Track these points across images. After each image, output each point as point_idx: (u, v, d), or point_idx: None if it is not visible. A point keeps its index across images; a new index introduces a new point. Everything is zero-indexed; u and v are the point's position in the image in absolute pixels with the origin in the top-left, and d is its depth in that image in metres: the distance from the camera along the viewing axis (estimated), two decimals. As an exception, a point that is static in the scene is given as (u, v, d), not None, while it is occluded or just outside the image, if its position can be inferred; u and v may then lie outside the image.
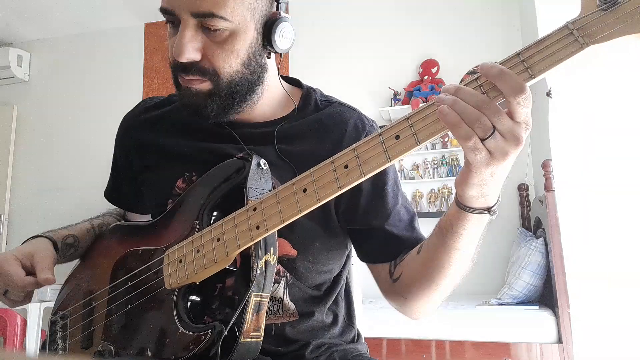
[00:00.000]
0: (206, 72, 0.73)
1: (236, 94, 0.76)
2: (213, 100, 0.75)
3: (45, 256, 0.80)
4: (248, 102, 0.79)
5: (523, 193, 2.92)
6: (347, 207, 0.80)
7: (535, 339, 2.11)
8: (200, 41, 0.71)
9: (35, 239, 0.85)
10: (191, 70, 0.73)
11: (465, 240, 0.66)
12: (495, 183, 0.59)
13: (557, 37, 0.51)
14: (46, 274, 0.77)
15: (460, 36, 3.21)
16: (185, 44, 0.70)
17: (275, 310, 0.78)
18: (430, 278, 0.72)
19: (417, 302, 0.78)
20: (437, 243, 0.69)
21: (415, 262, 0.76)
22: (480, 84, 0.54)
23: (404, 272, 0.78)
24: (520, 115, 0.53)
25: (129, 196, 0.96)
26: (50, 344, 0.86)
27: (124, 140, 0.94)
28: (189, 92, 0.75)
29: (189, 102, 0.76)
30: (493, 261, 2.92)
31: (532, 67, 0.52)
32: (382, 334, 2.27)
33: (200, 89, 0.74)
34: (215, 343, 0.64)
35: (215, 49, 0.72)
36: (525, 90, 0.51)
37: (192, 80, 0.74)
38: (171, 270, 0.72)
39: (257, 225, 0.65)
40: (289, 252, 0.78)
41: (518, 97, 0.51)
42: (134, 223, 0.92)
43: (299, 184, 0.62)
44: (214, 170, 0.75)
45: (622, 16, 0.48)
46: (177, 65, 0.74)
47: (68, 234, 0.87)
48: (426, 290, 0.74)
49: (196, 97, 0.75)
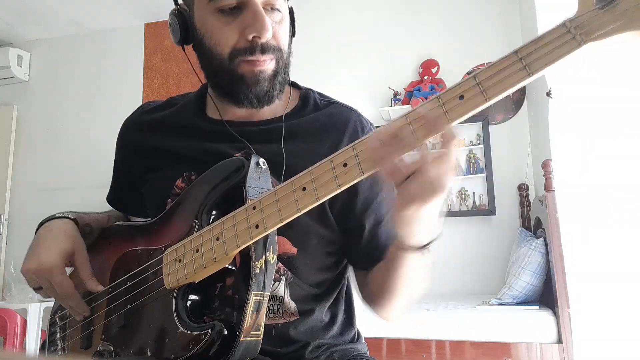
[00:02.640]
0: (276, 50, 0.77)
1: (287, 73, 0.81)
2: (278, 80, 0.79)
3: (85, 257, 0.80)
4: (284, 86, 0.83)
5: (523, 193, 2.92)
6: (342, 207, 0.81)
7: (535, 339, 2.11)
8: (269, 20, 0.75)
9: (63, 220, 0.83)
10: (268, 49, 0.75)
11: (405, 272, 0.70)
12: (423, 222, 0.61)
13: (554, 35, 0.51)
14: (96, 285, 0.78)
15: (460, 36, 3.21)
16: (267, 20, 0.73)
17: (276, 309, 0.78)
18: (383, 296, 0.78)
19: (381, 307, 0.82)
20: (385, 271, 0.74)
21: (374, 278, 0.81)
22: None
23: (370, 279, 0.83)
24: (447, 159, 0.55)
25: (130, 201, 0.96)
26: (49, 344, 0.86)
27: (124, 145, 0.95)
28: (259, 75, 0.76)
29: (258, 88, 0.77)
30: (493, 261, 2.92)
31: (530, 65, 0.52)
32: (382, 334, 2.26)
33: (269, 69, 0.77)
34: (214, 342, 0.64)
35: (278, 27, 0.77)
36: (456, 138, 0.54)
37: (264, 61, 0.76)
38: (170, 270, 0.71)
39: (257, 224, 0.65)
40: (289, 250, 0.78)
41: (450, 143, 0.54)
42: (133, 223, 0.92)
43: (297, 182, 0.62)
44: (213, 170, 0.75)
45: (618, 14, 0.49)
46: (249, 48, 0.75)
47: (87, 222, 0.87)
48: (382, 302, 0.80)
49: (265, 79, 0.77)
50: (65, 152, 3.88)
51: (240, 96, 0.79)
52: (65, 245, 0.78)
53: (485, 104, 0.54)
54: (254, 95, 0.78)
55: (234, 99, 0.80)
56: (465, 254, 2.99)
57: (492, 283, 2.85)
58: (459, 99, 0.54)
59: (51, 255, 0.76)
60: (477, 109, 0.54)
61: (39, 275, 0.76)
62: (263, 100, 0.79)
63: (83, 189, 3.63)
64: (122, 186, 0.97)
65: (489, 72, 0.53)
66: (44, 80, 4.08)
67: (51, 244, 0.78)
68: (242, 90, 0.78)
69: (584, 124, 2.28)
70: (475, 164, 3.09)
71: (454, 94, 0.55)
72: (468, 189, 3.09)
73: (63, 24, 3.90)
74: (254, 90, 0.77)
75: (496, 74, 0.53)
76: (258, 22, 0.72)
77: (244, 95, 0.78)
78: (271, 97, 0.79)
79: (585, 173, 2.25)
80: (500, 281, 2.64)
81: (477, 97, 0.53)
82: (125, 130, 0.95)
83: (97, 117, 3.82)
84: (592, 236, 2.18)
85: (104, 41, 3.98)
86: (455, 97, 0.54)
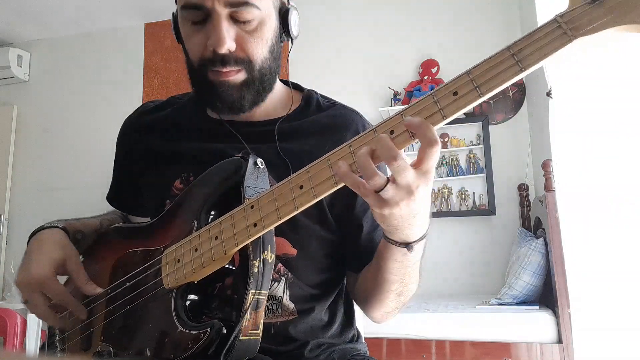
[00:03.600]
0: (242, 62, 0.75)
1: (266, 82, 0.79)
2: (248, 90, 0.77)
3: (77, 264, 0.79)
4: (269, 92, 0.82)
5: (523, 193, 2.92)
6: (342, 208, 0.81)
7: (535, 339, 2.11)
8: (234, 31, 0.74)
9: (52, 229, 0.82)
10: (229, 61, 0.74)
11: (394, 267, 0.70)
12: (403, 224, 0.61)
13: (546, 31, 0.52)
14: (94, 288, 0.78)
15: (460, 36, 3.21)
16: (224, 34, 0.72)
17: (275, 309, 0.79)
18: (373, 293, 0.78)
19: (367, 308, 0.83)
20: (375, 265, 0.74)
21: (365, 275, 0.81)
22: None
23: (360, 280, 0.83)
24: (426, 165, 0.55)
25: (130, 200, 0.97)
26: (49, 345, 0.86)
27: (124, 144, 0.95)
28: (225, 85, 0.76)
29: (225, 97, 0.77)
30: (493, 261, 2.92)
31: (522, 61, 0.52)
32: (382, 334, 2.26)
33: (236, 79, 0.76)
34: (214, 341, 0.64)
35: (247, 38, 0.75)
36: (437, 144, 0.54)
37: (228, 72, 0.75)
38: (169, 270, 0.71)
39: (255, 223, 0.65)
40: (289, 251, 0.79)
41: (431, 148, 0.54)
42: (132, 224, 0.92)
43: (295, 180, 0.62)
44: (211, 170, 0.75)
45: (607, 9, 0.49)
46: (211, 60, 0.75)
47: (78, 229, 0.86)
48: (372, 300, 0.80)
49: (232, 89, 0.77)
50: (65, 152, 3.88)
51: (211, 102, 0.80)
52: (55, 254, 0.78)
53: (479, 99, 0.54)
54: (222, 104, 0.78)
55: (208, 104, 0.82)
56: (465, 254, 2.99)
57: (492, 283, 2.85)
58: (453, 95, 0.55)
59: (41, 267, 0.75)
60: (471, 105, 0.54)
61: (30, 287, 0.76)
62: (234, 107, 0.79)
63: (83, 189, 3.63)
64: (122, 185, 0.98)
65: (482, 68, 0.54)
66: (44, 80, 4.09)
67: (40, 255, 0.77)
68: (211, 96, 0.79)
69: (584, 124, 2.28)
70: (475, 164, 3.09)
71: (448, 90, 0.55)
72: (468, 189, 3.09)
73: (63, 24, 3.90)
74: (221, 99, 0.78)
75: (489, 69, 0.54)
76: (214, 36, 0.72)
77: (213, 101, 0.79)
78: (242, 106, 0.79)
79: (585, 173, 2.25)
80: (500, 281, 2.64)
81: (471, 93, 0.54)
82: (125, 130, 0.95)
83: (97, 117, 3.83)
84: (592, 236, 2.18)
85: (104, 41, 3.98)
86: (449, 93, 0.55)
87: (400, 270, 0.71)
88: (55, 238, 0.80)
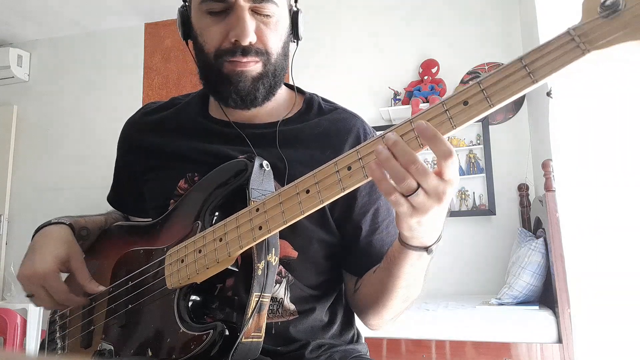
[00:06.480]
0: (261, 53, 0.78)
1: (278, 77, 0.81)
2: (262, 83, 0.79)
3: (81, 262, 0.81)
4: (279, 89, 0.84)
5: (523, 193, 2.92)
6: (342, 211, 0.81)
7: (535, 339, 2.11)
8: (255, 24, 0.76)
9: (58, 225, 0.84)
10: (250, 51, 0.76)
11: (407, 271, 0.70)
12: (426, 229, 0.62)
13: (559, 43, 0.51)
14: (96, 287, 0.79)
15: (460, 36, 3.21)
16: (249, 26, 0.75)
17: (275, 309, 0.79)
18: (378, 298, 0.77)
19: (367, 314, 0.83)
20: (385, 269, 0.73)
21: (370, 280, 0.81)
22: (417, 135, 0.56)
23: (361, 286, 0.83)
24: (447, 174, 0.56)
25: (131, 200, 0.97)
26: (49, 343, 0.86)
27: (126, 145, 0.95)
28: (242, 75, 0.78)
29: (241, 88, 0.78)
30: (493, 261, 2.92)
31: (535, 72, 0.52)
32: (382, 334, 2.26)
33: (253, 71, 0.78)
34: (216, 343, 0.64)
35: (266, 31, 0.78)
36: (453, 155, 0.54)
37: (247, 63, 0.77)
38: (172, 270, 0.72)
39: (260, 225, 0.65)
40: (290, 254, 0.79)
41: (447, 160, 0.54)
42: (135, 223, 0.92)
43: (301, 185, 0.63)
44: (216, 171, 0.75)
45: (622, 23, 0.49)
46: (231, 51, 0.76)
47: (84, 226, 0.87)
48: (375, 306, 0.80)
49: (248, 80, 0.78)
50: (65, 152, 3.87)
51: (225, 95, 0.80)
52: (60, 251, 0.79)
53: (490, 110, 0.54)
54: (236, 95, 0.79)
55: (220, 97, 0.83)
56: (465, 254, 2.99)
57: (492, 283, 2.85)
58: (463, 105, 0.55)
59: (45, 262, 0.77)
60: (481, 115, 0.55)
61: (32, 281, 0.77)
62: (246, 100, 0.80)
63: (83, 189, 3.63)
64: (122, 186, 0.98)
65: (494, 79, 0.54)
66: (44, 80, 4.08)
67: (45, 250, 0.78)
68: (225, 89, 0.79)
69: (584, 124, 2.28)
70: (475, 164, 3.10)
71: (459, 99, 0.55)
72: (468, 189, 3.09)
73: (63, 24, 3.89)
74: (236, 90, 0.79)
75: (500, 80, 0.53)
76: (239, 27, 0.75)
77: (227, 94, 0.80)
78: (255, 99, 0.80)
79: (585, 173, 2.25)
80: (500, 281, 2.64)
81: (481, 104, 0.54)
82: (127, 131, 0.95)
83: (97, 117, 3.82)
84: (592, 236, 2.18)
85: (104, 41, 3.98)
86: (460, 102, 0.55)
87: (412, 273, 0.71)
88: (61, 234, 0.82)
